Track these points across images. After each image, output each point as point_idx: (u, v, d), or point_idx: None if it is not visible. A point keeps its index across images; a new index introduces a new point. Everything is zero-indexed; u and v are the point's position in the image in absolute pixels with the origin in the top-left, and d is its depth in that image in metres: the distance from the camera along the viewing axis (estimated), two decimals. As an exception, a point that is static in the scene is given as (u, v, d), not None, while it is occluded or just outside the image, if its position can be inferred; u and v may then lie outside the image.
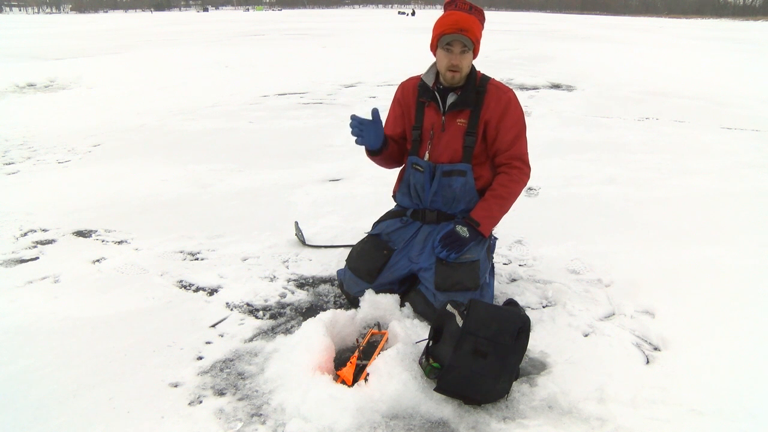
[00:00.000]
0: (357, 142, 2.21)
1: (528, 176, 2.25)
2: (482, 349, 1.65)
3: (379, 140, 2.23)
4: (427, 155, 2.25)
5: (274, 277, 2.57)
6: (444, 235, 2.17)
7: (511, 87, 3.02)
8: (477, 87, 2.19)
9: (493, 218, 2.20)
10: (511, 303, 1.91)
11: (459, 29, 2.05)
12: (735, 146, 5.20)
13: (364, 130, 2.18)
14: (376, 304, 2.16)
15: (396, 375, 1.74)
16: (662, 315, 2.21)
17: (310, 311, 2.27)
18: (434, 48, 2.16)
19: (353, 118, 2.19)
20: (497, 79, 2.28)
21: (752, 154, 4.88)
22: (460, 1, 2.10)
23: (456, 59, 2.10)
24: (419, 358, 1.83)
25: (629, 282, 2.48)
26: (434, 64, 2.23)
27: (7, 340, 2.05)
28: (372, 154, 2.32)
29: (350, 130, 2.20)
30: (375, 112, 2.18)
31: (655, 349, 2.01)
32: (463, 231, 2.15)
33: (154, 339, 2.05)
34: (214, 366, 1.90)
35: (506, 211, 2.23)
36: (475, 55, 2.15)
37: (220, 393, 1.76)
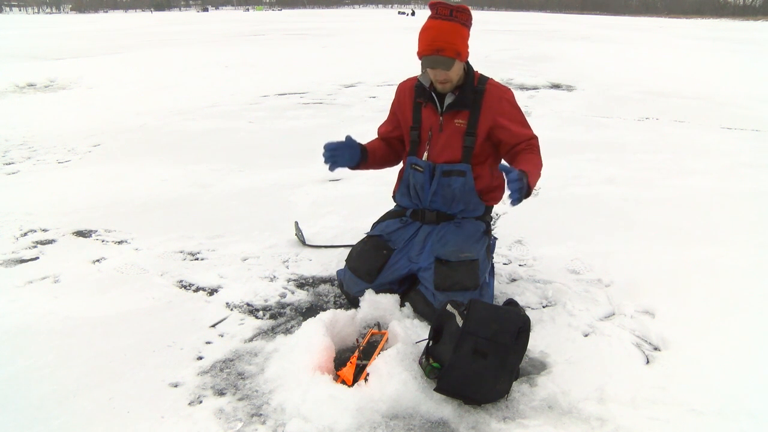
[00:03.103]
0: (330, 168, 2.23)
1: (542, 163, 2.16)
2: (482, 349, 1.65)
3: (354, 159, 2.26)
4: (425, 155, 2.25)
5: (274, 277, 2.57)
6: (521, 187, 1.87)
7: (511, 87, 3.02)
8: (475, 87, 2.18)
9: (535, 177, 1.99)
10: (511, 303, 1.91)
11: (436, 50, 2.00)
12: (735, 146, 5.20)
13: (337, 154, 2.21)
14: (376, 304, 2.16)
15: (396, 375, 1.74)
16: (662, 315, 2.21)
17: (310, 311, 2.27)
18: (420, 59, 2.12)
19: (325, 147, 2.22)
20: (497, 79, 2.28)
21: (752, 154, 4.87)
22: (441, 5, 2.04)
23: (441, 76, 2.09)
24: (419, 358, 1.83)
25: (629, 282, 2.48)
26: None
27: (7, 340, 2.06)
28: (353, 168, 2.34)
29: (323, 159, 2.21)
30: (348, 137, 2.24)
31: (655, 349, 2.01)
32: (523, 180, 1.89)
33: (154, 339, 2.05)
34: (214, 366, 1.90)
35: (539, 177, 2.06)
36: (464, 58, 2.11)
37: (220, 393, 1.76)
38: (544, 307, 2.30)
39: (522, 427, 1.62)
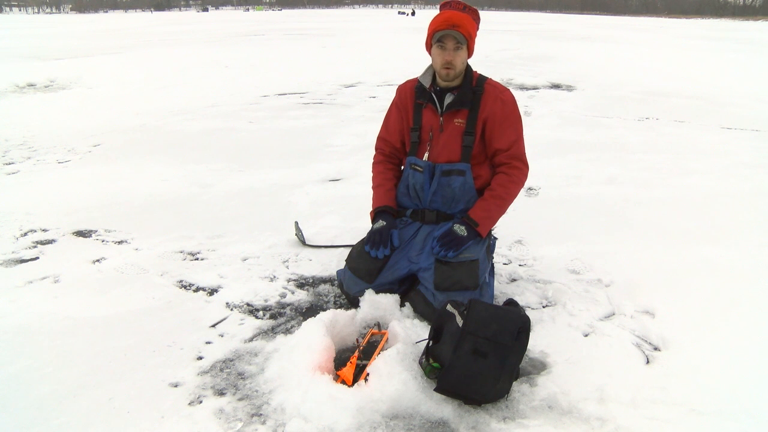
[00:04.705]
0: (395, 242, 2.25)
1: (526, 176, 2.27)
2: (482, 349, 1.65)
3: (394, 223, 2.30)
4: (426, 156, 2.25)
5: (274, 277, 2.57)
6: (442, 234, 2.17)
7: (511, 87, 3.02)
8: (474, 87, 2.20)
9: (492, 219, 2.21)
10: (511, 303, 1.91)
11: (451, 25, 2.08)
12: (735, 146, 5.20)
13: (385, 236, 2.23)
14: (376, 304, 2.16)
15: (396, 375, 1.74)
16: (662, 315, 2.21)
17: (310, 311, 2.27)
18: (429, 46, 2.19)
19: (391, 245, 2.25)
20: (497, 79, 2.29)
21: (752, 154, 4.87)
22: (454, 2, 2.14)
23: (449, 56, 2.12)
24: (419, 358, 1.83)
25: (629, 282, 2.48)
26: (430, 66, 2.26)
27: (7, 340, 2.05)
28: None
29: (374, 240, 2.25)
30: (384, 226, 2.26)
31: (655, 349, 2.01)
32: (461, 230, 2.16)
33: (154, 339, 2.05)
34: (214, 366, 1.90)
35: (504, 212, 2.24)
36: (470, 54, 2.17)
37: (220, 393, 1.76)
38: (544, 307, 2.30)
39: (522, 427, 1.62)
